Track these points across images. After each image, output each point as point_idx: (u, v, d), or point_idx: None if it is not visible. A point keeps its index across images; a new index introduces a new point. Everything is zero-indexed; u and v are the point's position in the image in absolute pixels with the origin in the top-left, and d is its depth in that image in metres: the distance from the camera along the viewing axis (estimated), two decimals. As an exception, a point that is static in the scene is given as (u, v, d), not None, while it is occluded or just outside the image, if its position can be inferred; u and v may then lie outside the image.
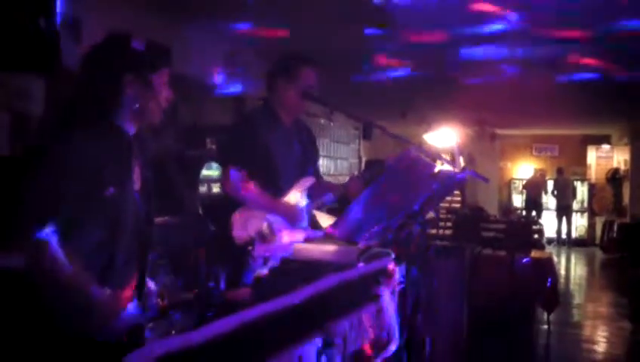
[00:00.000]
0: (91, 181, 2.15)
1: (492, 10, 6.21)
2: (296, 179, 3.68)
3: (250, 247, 3.32)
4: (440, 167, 3.00)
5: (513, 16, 6.42)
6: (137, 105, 2.32)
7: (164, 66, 2.41)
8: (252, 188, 3.48)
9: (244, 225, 3.44)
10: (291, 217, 3.55)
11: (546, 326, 7.30)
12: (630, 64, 8.36)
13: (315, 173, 3.90)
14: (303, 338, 1.72)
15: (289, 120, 3.72)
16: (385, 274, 2.47)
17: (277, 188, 3.59)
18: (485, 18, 6.50)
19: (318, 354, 1.78)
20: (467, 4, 6.07)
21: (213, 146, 8.73)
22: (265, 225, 3.45)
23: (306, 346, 1.71)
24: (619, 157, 17.47)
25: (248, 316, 1.47)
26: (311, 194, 3.73)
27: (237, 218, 3.48)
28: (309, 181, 3.71)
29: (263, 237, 3.36)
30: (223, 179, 3.59)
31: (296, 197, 3.64)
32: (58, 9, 4.84)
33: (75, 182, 2.12)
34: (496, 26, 6.78)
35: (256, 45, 7.64)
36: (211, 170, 7.20)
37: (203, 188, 7.08)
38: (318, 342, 1.80)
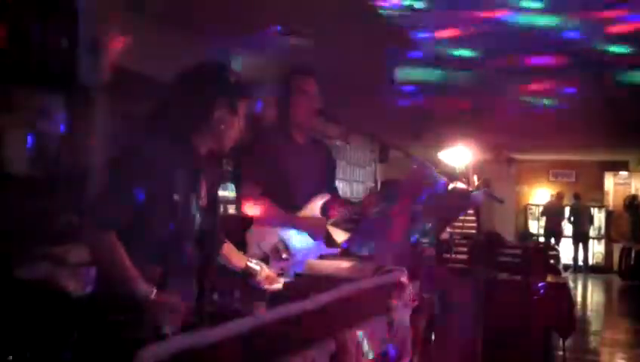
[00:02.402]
0: (159, 186, 2.32)
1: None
2: (311, 196, 3.68)
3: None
4: (454, 184, 3.01)
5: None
6: (220, 129, 2.48)
7: (248, 98, 2.58)
8: (268, 206, 3.50)
9: (258, 243, 3.45)
10: (310, 229, 3.55)
11: (561, 353, 7.21)
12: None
13: (332, 190, 3.90)
14: (316, 343, 1.73)
15: (302, 137, 3.73)
16: (398, 288, 2.48)
17: (291, 205, 3.59)
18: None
19: (331, 361, 1.79)
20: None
21: (229, 167, 8.76)
22: (279, 243, 3.45)
23: (318, 351, 1.72)
24: (637, 184, 17.37)
25: (262, 318, 1.48)
26: (326, 211, 3.73)
27: (251, 236, 3.49)
28: (323, 198, 3.71)
29: (277, 255, 3.37)
30: (237, 198, 3.60)
31: (311, 213, 3.64)
32: (79, 28, 4.92)
33: (143, 185, 2.29)
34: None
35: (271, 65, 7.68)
36: (227, 191, 7.22)
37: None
38: (331, 348, 1.81)
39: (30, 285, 3.49)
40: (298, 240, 3.52)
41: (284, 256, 3.38)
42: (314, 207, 3.64)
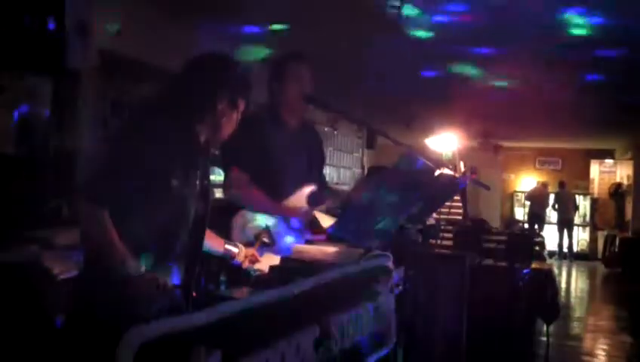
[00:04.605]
0: (157, 169, 2.35)
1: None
2: (299, 183, 3.66)
3: None
4: (440, 170, 3.02)
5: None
6: (221, 121, 2.54)
7: (248, 97, 2.64)
8: (255, 191, 3.49)
9: (243, 229, 3.45)
10: (295, 220, 3.55)
11: (545, 338, 7.29)
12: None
13: (320, 178, 3.89)
14: (300, 327, 1.75)
15: (293, 122, 3.71)
16: (383, 273, 2.50)
17: (279, 192, 3.58)
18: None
19: (316, 345, 1.81)
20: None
21: (217, 151, 8.75)
22: (264, 229, 3.44)
23: (303, 336, 1.74)
24: (622, 172, 17.46)
25: (248, 302, 1.50)
26: (313, 200, 3.72)
27: (236, 221, 3.49)
28: (311, 187, 3.70)
29: (261, 241, 3.36)
30: (225, 182, 3.59)
31: (297, 202, 3.63)
32: (67, 10, 4.89)
33: (142, 166, 2.32)
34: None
35: (263, 49, 7.68)
36: (214, 175, 7.23)
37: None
38: (315, 332, 1.83)
39: (18, 268, 3.49)
40: (283, 227, 3.52)
41: (267, 241, 3.37)
42: (301, 196, 3.62)
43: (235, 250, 3.04)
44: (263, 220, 3.46)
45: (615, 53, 7.24)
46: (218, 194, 6.81)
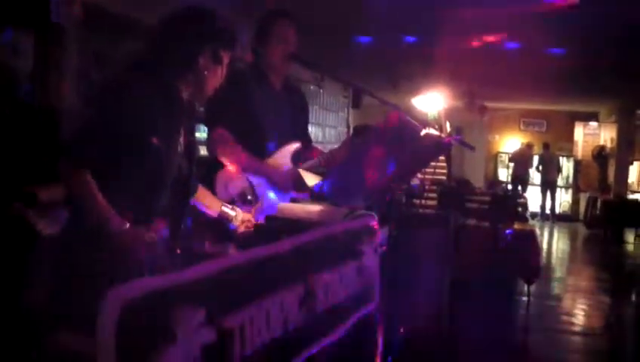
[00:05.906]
0: (139, 128, 2.32)
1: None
2: (283, 142, 3.65)
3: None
4: (426, 130, 3.02)
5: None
6: (204, 75, 2.49)
7: (232, 49, 2.58)
8: (238, 150, 3.47)
9: (226, 186, 3.43)
10: (277, 180, 3.54)
11: (525, 298, 7.40)
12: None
13: (304, 137, 3.88)
14: (285, 285, 1.76)
15: (277, 81, 3.69)
16: (368, 232, 2.50)
17: (263, 150, 3.56)
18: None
19: (300, 303, 1.82)
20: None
21: (201, 109, 8.68)
22: (247, 187, 3.44)
23: (287, 294, 1.75)
24: (605, 135, 17.55)
25: (232, 260, 1.50)
26: (297, 158, 3.71)
27: (219, 179, 3.47)
28: (295, 145, 3.69)
29: (244, 199, 3.35)
30: (209, 140, 3.57)
31: (281, 160, 3.62)
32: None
33: (123, 125, 2.30)
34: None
35: (247, 7, 7.58)
36: (198, 133, 7.19)
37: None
38: (300, 291, 1.84)
39: (2, 225, 3.47)
40: (267, 185, 3.51)
41: (249, 198, 3.36)
42: (285, 154, 3.61)
43: (232, 213, 3.01)
44: (246, 178, 3.46)
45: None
46: (202, 151, 6.77)
